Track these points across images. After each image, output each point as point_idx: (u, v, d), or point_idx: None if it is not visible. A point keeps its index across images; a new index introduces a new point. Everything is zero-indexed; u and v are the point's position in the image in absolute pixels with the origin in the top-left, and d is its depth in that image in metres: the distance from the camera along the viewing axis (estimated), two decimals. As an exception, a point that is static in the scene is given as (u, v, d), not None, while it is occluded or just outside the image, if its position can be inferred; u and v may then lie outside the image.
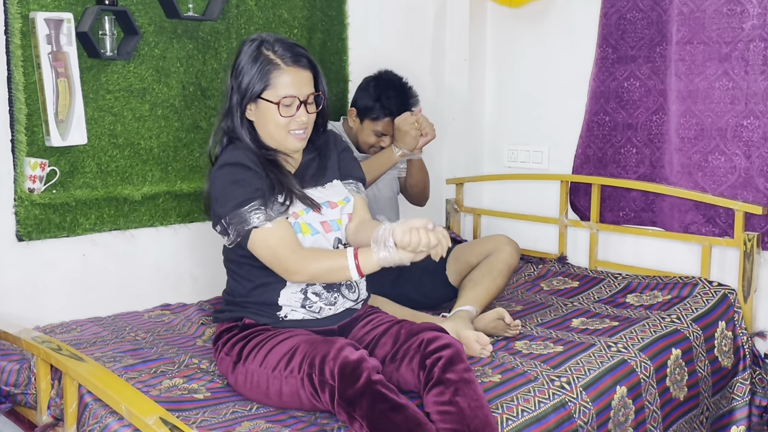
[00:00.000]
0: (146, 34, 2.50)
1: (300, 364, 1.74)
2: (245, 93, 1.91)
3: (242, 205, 1.85)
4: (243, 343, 1.89)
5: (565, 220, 3.15)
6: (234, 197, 1.86)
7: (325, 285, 1.94)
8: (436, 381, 1.73)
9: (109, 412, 1.64)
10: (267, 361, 1.82)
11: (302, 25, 2.91)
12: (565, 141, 3.20)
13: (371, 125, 2.73)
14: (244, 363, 1.86)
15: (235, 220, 1.86)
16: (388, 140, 2.75)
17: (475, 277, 2.52)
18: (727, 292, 2.61)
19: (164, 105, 2.57)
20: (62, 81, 2.27)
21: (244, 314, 1.96)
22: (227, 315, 2.00)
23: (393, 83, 2.76)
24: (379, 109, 2.71)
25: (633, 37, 2.94)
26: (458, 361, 1.76)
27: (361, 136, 2.76)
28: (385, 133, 2.73)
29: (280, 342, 1.84)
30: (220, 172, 1.90)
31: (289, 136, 1.93)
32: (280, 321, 1.95)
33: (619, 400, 2.06)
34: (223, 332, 1.98)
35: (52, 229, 2.35)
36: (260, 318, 1.95)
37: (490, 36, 3.47)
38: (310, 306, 1.94)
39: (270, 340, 1.87)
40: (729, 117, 2.68)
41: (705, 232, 2.78)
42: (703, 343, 2.42)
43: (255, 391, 1.83)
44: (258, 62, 1.91)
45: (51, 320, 2.37)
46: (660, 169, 2.91)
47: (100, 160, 2.44)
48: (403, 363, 1.82)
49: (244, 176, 1.87)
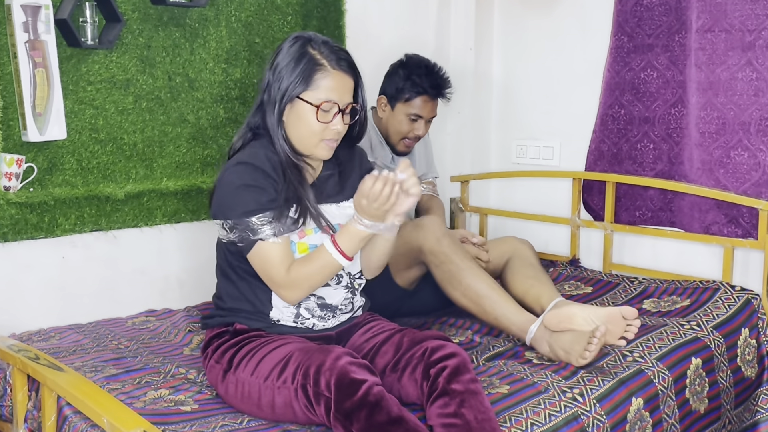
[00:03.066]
0: (129, 21, 2.50)
1: (294, 374, 1.74)
2: (285, 92, 1.89)
3: (253, 213, 1.85)
4: (234, 350, 1.90)
5: (578, 220, 3.15)
6: (246, 203, 1.86)
7: (319, 304, 1.96)
8: (441, 392, 1.73)
9: (90, 425, 1.64)
10: (259, 369, 1.82)
11: (296, 11, 2.91)
12: (578, 136, 3.20)
13: (404, 108, 2.72)
14: (234, 371, 1.86)
15: (242, 227, 1.86)
16: (422, 126, 2.73)
17: (529, 275, 2.42)
18: (751, 297, 2.61)
19: (149, 97, 2.57)
20: (40, 71, 2.27)
21: (235, 319, 1.97)
22: (217, 320, 2.00)
23: (422, 62, 2.76)
24: (411, 88, 2.70)
25: (650, 24, 2.94)
26: (464, 371, 1.76)
27: (393, 124, 2.73)
28: (420, 115, 2.72)
29: (273, 349, 1.85)
30: (235, 169, 1.88)
31: (321, 143, 1.92)
32: (273, 325, 1.95)
33: (635, 413, 2.06)
34: (212, 338, 1.98)
35: (29, 229, 2.35)
36: (252, 323, 1.95)
37: (497, 23, 3.47)
38: (303, 322, 1.96)
39: (263, 347, 1.87)
40: (753, 110, 2.68)
41: (727, 233, 2.78)
42: (725, 351, 2.42)
43: (246, 402, 1.83)
44: (302, 61, 1.89)
45: (28, 327, 2.37)
46: (679, 165, 2.91)
47: (80, 156, 2.44)
48: (405, 373, 1.82)
49: (261, 183, 1.86)
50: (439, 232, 2.35)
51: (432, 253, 2.34)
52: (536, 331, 2.21)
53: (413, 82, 2.70)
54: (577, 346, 2.11)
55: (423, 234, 2.36)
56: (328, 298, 1.98)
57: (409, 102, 2.71)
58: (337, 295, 1.99)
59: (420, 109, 2.72)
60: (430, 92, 2.71)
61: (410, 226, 2.41)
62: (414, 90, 2.70)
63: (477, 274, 2.32)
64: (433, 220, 2.40)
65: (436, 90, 2.73)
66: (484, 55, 3.45)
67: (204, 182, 2.69)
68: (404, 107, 2.72)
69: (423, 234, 2.36)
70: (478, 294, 2.30)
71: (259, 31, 2.82)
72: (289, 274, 1.87)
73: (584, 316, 2.17)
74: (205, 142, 2.71)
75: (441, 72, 2.76)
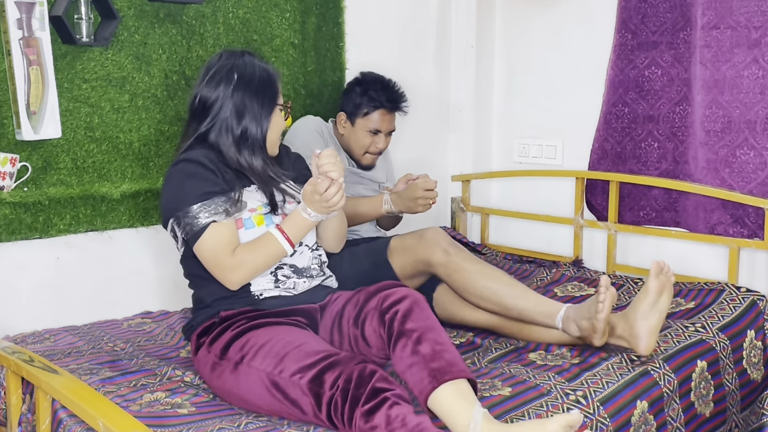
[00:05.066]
0: (125, 18, 2.50)
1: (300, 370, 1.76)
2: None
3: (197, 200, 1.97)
4: (241, 343, 1.91)
5: (581, 220, 3.15)
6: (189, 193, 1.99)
7: (292, 270, 2.06)
8: (397, 334, 1.80)
9: (85, 428, 1.64)
10: (284, 366, 1.81)
11: (295, 8, 2.91)
12: (581, 134, 3.20)
13: (364, 123, 2.78)
14: (250, 363, 1.86)
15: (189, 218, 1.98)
16: (382, 140, 2.80)
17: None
18: (757, 298, 2.62)
19: (145, 95, 2.57)
20: (34, 69, 2.27)
21: (219, 309, 2.02)
22: (200, 319, 2.05)
23: (378, 78, 2.83)
24: (368, 102, 2.77)
25: (654, 21, 2.94)
26: (416, 310, 1.82)
27: (354, 140, 2.80)
28: (379, 129, 2.79)
29: (297, 347, 1.84)
30: (173, 171, 2.08)
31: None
32: (257, 300, 2.02)
33: (639, 416, 2.06)
34: (201, 337, 2.01)
35: (23, 230, 2.35)
36: (236, 305, 2.01)
37: (499, 20, 3.47)
38: (284, 284, 2.05)
39: (280, 341, 1.87)
40: (759, 108, 2.69)
41: (733, 234, 2.79)
42: (731, 354, 2.42)
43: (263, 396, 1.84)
44: None
45: (22, 329, 2.37)
46: (684, 164, 2.91)
47: (75, 155, 2.44)
48: (365, 325, 1.90)
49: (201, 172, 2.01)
50: (444, 243, 2.42)
51: (441, 264, 2.40)
52: (564, 315, 2.26)
53: (370, 97, 2.77)
54: (592, 308, 2.18)
55: (430, 248, 2.42)
56: (297, 263, 2.08)
57: (367, 116, 2.78)
58: (304, 258, 2.10)
59: (378, 123, 2.79)
60: (386, 106, 2.78)
61: (413, 239, 2.48)
62: (371, 104, 2.77)
63: (490, 275, 2.37)
64: (436, 232, 2.46)
65: (392, 104, 2.80)
66: (486, 52, 3.45)
67: (201, 182, 2.69)
68: (363, 122, 2.78)
69: (430, 248, 2.42)
70: (497, 293, 2.34)
71: (257, 28, 2.82)
72: (234, 257, 1.97)
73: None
74: (202, 141, 2.71)
75: (396, 87, 2.83)
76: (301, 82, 2.97)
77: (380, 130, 2.79)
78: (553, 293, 2.81)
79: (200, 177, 1.99)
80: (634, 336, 2.17)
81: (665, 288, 2.17)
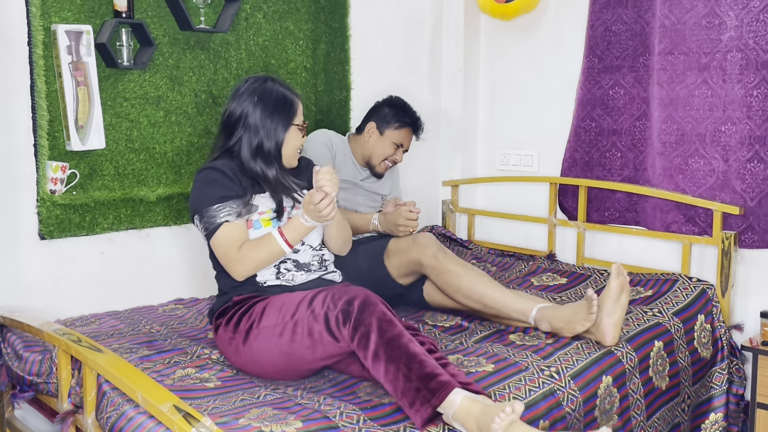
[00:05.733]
0: (161, 45, 2.50)
1: (325, 301, 1.80)
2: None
3: (215, 201, 1.99)
4: (248, 315, 1.94)
5: (554, 219, 3.15)
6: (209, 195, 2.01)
7: (294, 264, 2.07)
8: (354, 324, 1.75)
9: (125, 400, 1.64)
10: (284, 311, 1.87)
11: (307, 36, 2.91)
12: (554, 145, 3.20)
13: (393, 135, 2.77)
14: (258, 326, 1.90)
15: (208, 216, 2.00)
16: (401, 154, 2.81)
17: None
18: (706, 287, 2.61)
19: (178, 112, 2.57)
20: (82, 89, 2.27)
21: (233, 295, 2.03)
22: (219, 303, 2.06)
23: (407, 104, 2.84)
24: (401, 118, 2.77)
25: (618, 47, 2.94)
26: (370, 304, 1.77)
27: (379, 147, 2.77)
28: (402, 144, 2.80)
29: (268, 304, 1.92)
30: (198, 177, 2.10)
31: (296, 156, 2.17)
32: (261, 287, 2.03)
33: (605, 389, 2.06)
34: (218, 319, 2.03)
35: (72, 228, 2.35)
36: (245, 291, 2.03)
37: (483, 47, 3.47)
38: (284, 276, 2.06)
39: (277, 300, 1.93)
40: (708, 123, 2.68)
41: (685, 231, 2.78)
42: (684, 335, 2.42)
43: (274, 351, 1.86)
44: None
45: (71, 314, 2.37)
46: (643, 171, 2.91)
47: (117, 163, 2.44)
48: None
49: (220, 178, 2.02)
50: (435, 247, 2.41)
51: (431, 266, 2.40)
52: (536, 314, 2.25)
53: (403, 115, 2.78)
54: (578, 315, 2.16)
55: (422, 251, 2.41)
56: (300, 259, 2.09)
57: (397, 130, 2.77)
58: (306, 255, 2.10)
59: (404, 138, 2.79)
60: (413, 126, 2.80)
61: (408, 242, 2.47)
62: (403, 120, 2.77)
63: (473, 277, 2.36)
64: (428, 237, 2.45)
65: (416, 128, 2.81)
66: (472, 74, 3.45)
67: (226, 186, 2.69)
68: (393, 134, 2.77)
69: (422, 251, 2.41)
70: (478, 294, 2.33)
71: (275, 53, 2.82)
72: (240, 252, 1.99)
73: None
74: (226, 151, 2.71)
75: (420, 118, 2.84)
76: (312, 101, 2.97)
77: (402, 145, 2.80)
78: (530, 283, 2.81)
79: (219, 183, 2.01)
80: (602, 331, 2.15)
81: (624, 287, 2.15)
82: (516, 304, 2.29)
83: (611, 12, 2.93)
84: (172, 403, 1.44)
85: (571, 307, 2.21)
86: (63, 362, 1.85)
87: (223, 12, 2.62)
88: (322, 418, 1.66)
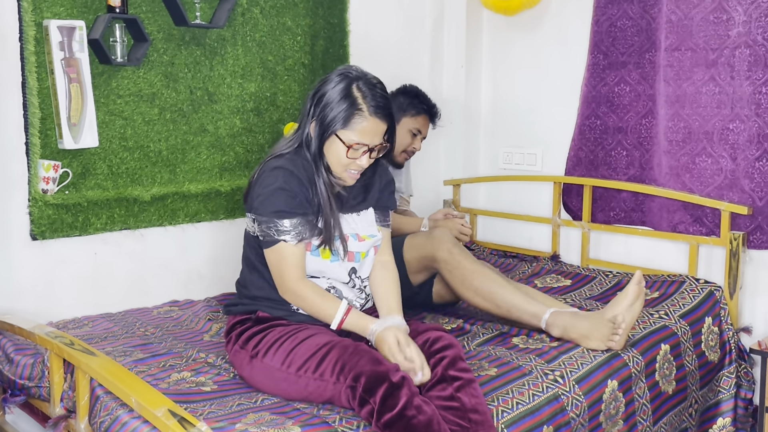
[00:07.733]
0: (155, 41, 2.49)
1: (334, 370, 1.73)
2: (327, 127, 1.89)
3: (282, 215, 1.87)
4: (259, 338, 1.89)
5: (558, 219, 3.15)
6: (278, 204, 1.87)
7: (337, 294, 1.97)
8: (440, 378, 1.76)
9: (119, 404, 1.64)
10: (291, 360, 1.80)
11: (305, 32, 2.91)
12: (558, 144, 3.19)
13: (409, 122, 2.79)
14: (262, 358, 1.85)
15: (269, 225, 1.88)
16: (419, 142, 2.83)
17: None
18: (714, 289, 2.61)
19: (172, 109, 2.57)
20: (74, 86, 2.27)
21: (258, 307, 1.97)
22: (240, 308, 2.00)
23: (422, 92, 2.87)
24: (418, 105, 2.80)
25: (623, 44, 2.93)
26: (459, 361, 1.79)
27: (397, 138, 2.73)
28: (420, 130, 2.82)
29: (302, 341, 1.83)
30: (274, 173, 1.89)
31: (345, 173, 1.93)
32: (293, 313, 1.96)
33: (610, 394, 2.05)
34: (235, 325, 1.98)
35: (64, 228, 2.34)
36: (274, 311, 1.96)
37: (486, 43, 3.46)
38: None
39: (290, 337, 1.85)
40: (715, 121, 2.68)
41: (692, 232, 2.78)
42: (691, 338, 2.42)
43: (273, 387, 1.83)
44: (346, 101, 1.88)
45: (64, 316, 2.37)
46: (649, 170, 2.91)
47: (111, 162, 2.44)
48: None
49: (295, 189, 1.88)
50: (449, 243, 2.39)
51: (444, 261, 2.37)
52: (549, 318, 2.22)
53: (420, 101, 2.81)
54: (597, 332, 2.14)
55: (436, 245, 2.39)
56: (343, 291, 1.99)
57: (414, 117, 2.80)
58: (350, 293, 2.01)
59: (422, 125, 2.82)
60: (430, 112, 2.84)
61: (423, 237, 2.45)
62: (420, 107, 2.80)
63: (486, 275, 2.33)
64: (443, 233, 2.43)
65: (433, 114, 2.85)
66: (474, 71, 3.44)
67: (222, 186, 2.69)
68: (409, 121, 2.80)
69: (436, 245, 2.39)
70: (489, 291, 2.30)
71: (272, 49, 2.81)
72: (298, 285, 1.89)
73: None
74: (223, 150, 2.71)
75: (436, 104, 2.88)
76: (310, 98, 2.96)
77: (421, 131, 2.82)
78: (534, 284, 2.81)
79: (289, 194, 1.87)
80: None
81: (640, 295, 2.15)
82: (529, 307, 2.26)
83: (617, 7, 2.93)
84: (167, 407, 1.44)
85: (590, 320, 2.17)
86: (55, 366, 1.85)
87: (219, 7, 2.62)
88: (321, 423, 1.66)
